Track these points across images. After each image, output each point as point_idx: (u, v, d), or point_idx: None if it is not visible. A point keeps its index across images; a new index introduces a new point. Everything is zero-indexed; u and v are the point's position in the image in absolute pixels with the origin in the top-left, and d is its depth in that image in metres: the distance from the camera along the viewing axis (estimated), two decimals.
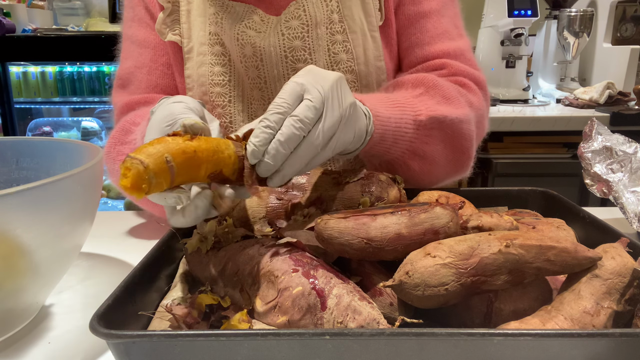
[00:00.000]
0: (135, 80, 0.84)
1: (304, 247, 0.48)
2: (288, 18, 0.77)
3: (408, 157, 0.70)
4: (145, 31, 0.84)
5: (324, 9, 0.77)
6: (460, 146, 0.75)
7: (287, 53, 0.77)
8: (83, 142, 0.62)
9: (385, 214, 0.45)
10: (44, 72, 2.70)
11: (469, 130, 0.75)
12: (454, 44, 0.81)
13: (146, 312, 0.46)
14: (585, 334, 0.36)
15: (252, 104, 0.82)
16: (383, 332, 0.37)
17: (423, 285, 0.40)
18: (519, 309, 0.43)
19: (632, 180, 0.71)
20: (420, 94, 0.72)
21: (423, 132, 0.69)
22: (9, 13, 2.49)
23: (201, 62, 0.80)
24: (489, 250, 0.40)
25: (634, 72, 2.13)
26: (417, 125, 0.68)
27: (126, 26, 0.87)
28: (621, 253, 0.42)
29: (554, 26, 2.23)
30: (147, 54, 0.84)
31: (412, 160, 0.71)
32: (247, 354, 0.37)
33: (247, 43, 0.77)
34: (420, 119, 0.68)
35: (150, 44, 0.84)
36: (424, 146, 0.70)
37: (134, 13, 0.85)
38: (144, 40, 0.84)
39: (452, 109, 0.72)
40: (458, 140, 0.74)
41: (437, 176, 0.76)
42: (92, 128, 2.82)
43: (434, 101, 0.71)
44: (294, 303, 0.42)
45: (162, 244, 0.54)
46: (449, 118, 0.71)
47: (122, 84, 0.85)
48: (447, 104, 0.72)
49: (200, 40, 0.80)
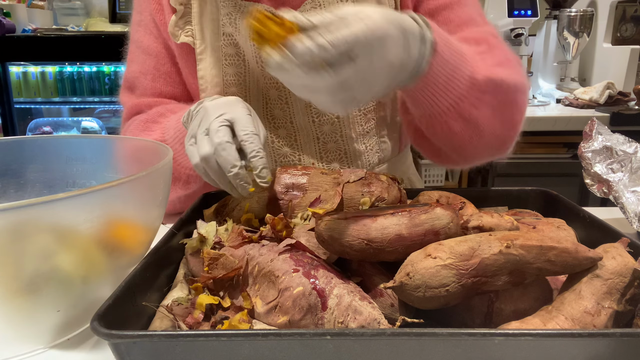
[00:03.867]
0: (141, 86, 0.87)
1: (305, 248, 0.48)
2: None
3: (452, 116, 0.63)
4: (150, 39, 0.86)
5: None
6: (511, 118, 0.69)
7: None
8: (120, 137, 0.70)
9: (385, 215, 0.45)
10: (44, 72, 2.70)
11: (523, 101, 0.70)
12: (483, 29, 0.76)
13: (150, 304, 0.46)
14: (586, 334, 0.36)
15: (267, 103, 0.82)
16: (384, 332, 0.37)
17: (424, 287, 0.40)
18: (519, 309, 0.43)
19: (632, 180, 0.71)
20: (483, 51, 0.67)
21: (475, 94, 0.62)
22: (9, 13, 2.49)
23: (215, 63, 0.80)
24: (490, 251, 0.40)
25: (634, 72, 2.13)
26: (471, 83, 0.61)
27: (133, 29, 0.89)
28: (622, 253, 0.42)
29: (554, 26, 2.23)
30: (150, 61, 0.86)
31: (455, 121, 0.64)
32: (248, 354, 0.37)
33: None
34: (477, 77, 0.62)
35: (153, 52, 0.86)
36: (472, 109, 0.63)
37: (141, 18, 0.87)
38: (148, 48, 0.86)
39: (512, 73, 0.66)
40: (509, 110, 0.68)
41: (476, 148, 0.69)
42: (92, 128, 2.82)
43: (494, 60, 0.66)
44: (294, 303, 0.42)
45: (162, 244, 0.54)
46: (507, 83, 0.65)
47: (129, 86, 0.89)
48: (508, 66, 0.67)
49: (213, 41, 0.80)
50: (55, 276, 0.44)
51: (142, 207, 0.52)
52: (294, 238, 0.50)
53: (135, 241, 0.52)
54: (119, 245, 0.49)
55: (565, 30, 2.14)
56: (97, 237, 0.46)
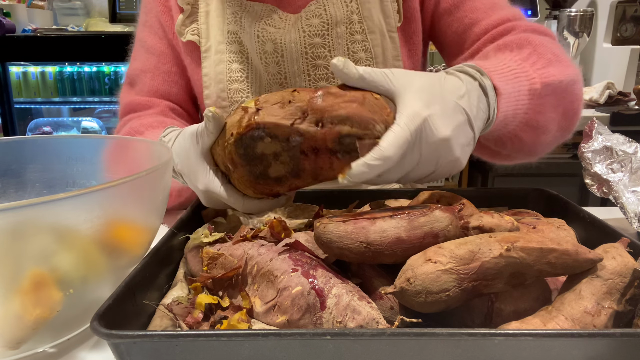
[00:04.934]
0: (140, 83, 0.90)
1: (304, 247, 0.48)
2: (309, 16, 0.79)
3: (521, 129, 0.65)
4: (154, 38, 0.90)
5: (343, 9, 0.79)
6: (572, 109, 0.71)
7: (307, 49, 0.79)
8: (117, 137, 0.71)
9: (384, 217, 0.45)
10: (44, 72, 2.70)
11: (579, 89, 0.71)
12: (509, 11, 0.80)
13: (150, 302, 0.46)
14: (586, 334, 0.36)
15: None
16: (384, 332, 0.37)
17: (424, 292, 0.40)
18: (519, 309, 0.43)
19: (633, 180, 0.71)
20: (529, 55, 0.67)
21: (537, 102, 0.64)
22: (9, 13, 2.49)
23: (219, 60, 0.83)
24: (490, 254, 0.40)
25: (634, 72, 2.13)
26: (531, 95, 0.62)
27: (139, 29, 0.92)
28: (622, 253, 0.42)
29: (554, 26, 2.23)
30: (152, 60, 0.90)
31: (525, 132, 0.66)
32: (248, 354, 0.37)
33: (268, 39, 0.79)
34: (535, 88, 0.63)
35: (156, 52, 0.89)
36: (538, 116, 0.65)
37: (147, 18, 0.91)
38: (151, 47, 0.90)
39: (563, 68, 0.68)
40: (570, 103, 0.70)
41: (544, 144, 0.72)
42: (92, 128, 2.82)
43: (543, 61, 0.66)
44: (293, 303, 0.42)
45: (162, 244, 0.54)
46: (564, 82, 0.66)
47: (130, 82, 0.92)
48: (557, 63, 0.68)
49: (218, 39, 0.83)
50: (55, 276, 0.44)
51: (142, 207, 0.52)
52: (292, 238, 0.50)
53: (135, 241, 0.52)
54: (118, 245, 0.49)
55: (565, 30, 2.14)
56: (97, 237, 0.46)
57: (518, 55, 0.66)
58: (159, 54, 0.89)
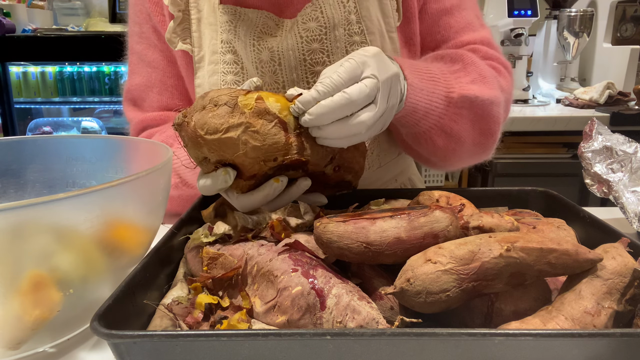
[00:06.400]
0: (147, 99, 0.86)
1: (304, 247, 0.48)
2: (305, 20, 0.76)
3: (435, 132, 0.71)
4: (154, 52, 0.85)
5: (341, 10, 0.76)
6: (488, 128, 0.75)
7: (305, 56, 0.76)
8: (117, 137, 0.69)
9: (384, 217, 0.45)
10: (44, 72, 2.70)
11: (497, 112, 0.76)
12: (479, 34, 0.83)
13: (150, 302, 0.46)
14: (586, 334, 0.36)
15: None
16: (384, 332, 0.37)
17: (425, 293, 0.40)
18: (519, 309, 0.43)
19: (632, 180, 0.71)
20: (457, 70, 0.73)
21: (453, 110, 0.69)
22: (9, 13, 2.49)
23: (213, 70, 0.79)
24: (490, 254, 0.40)
25: (634, 72, 2.14)
26: (447, 102, 0.69)
27: (133, 40, 0.87)
28: (622, 253, 0.42)
29: (554, 26, 2.24)
30: (156, 75, 0.85)
31: (439, 136, 0.71)
32: (248, 354, 0.37)
33: (265, 48, 0.76)
34: (452, 96, 0.69)
35: (159, 66, 0.85)
36: (452, 124, 0.71)
37: (141, 30, 0.85)
38: (153, 61, 0.85)
39: (486, 89, 0.73)
40: (486, 122, 0.74)
41: (460, 156, 0.77)
42: (92, 128, 2.82)
43: (468, 78, 0.72)
44: (293, 303, 0.42)
45: (162, 244, 0.54)
46: (481, 98, 0.71)
47: (133, 99, 0.88)
48: (482, 83, 0.73)
49: (211, 49, 0.79)
50: (55, 276, 0.44)
51: (142, 207, 0.52)
52: (292, 238, 0.50)
53: (135, 241, 0.52)
54: (118, 245, 0.49)
55: (565, 30, 2.14)
56: (97, 237, 0.46)
57: (446, 66, 0.73)
58: (162, 68, 0.85)
